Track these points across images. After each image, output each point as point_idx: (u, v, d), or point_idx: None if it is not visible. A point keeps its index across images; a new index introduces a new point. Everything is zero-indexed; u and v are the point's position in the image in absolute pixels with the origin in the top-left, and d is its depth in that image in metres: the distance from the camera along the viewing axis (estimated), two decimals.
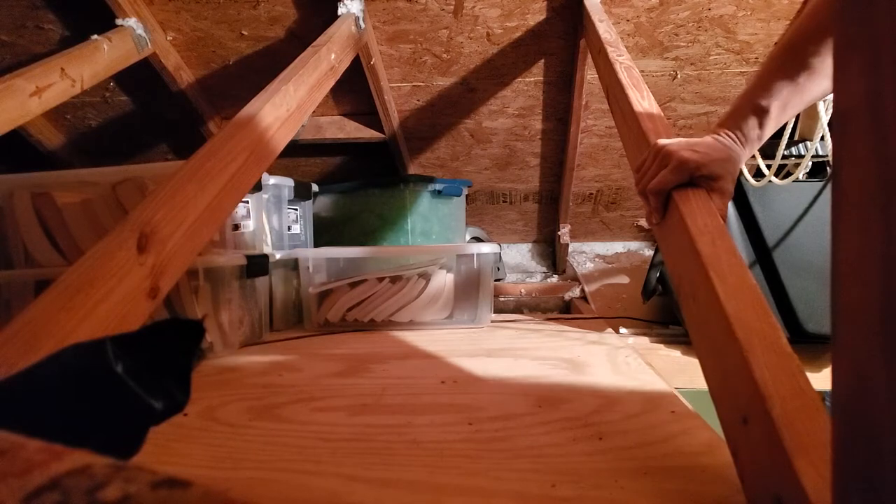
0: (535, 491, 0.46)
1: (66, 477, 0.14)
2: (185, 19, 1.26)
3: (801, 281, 1.01)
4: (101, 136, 1.62)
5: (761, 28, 1.24)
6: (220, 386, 0.79)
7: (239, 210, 1.10)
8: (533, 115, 1.50)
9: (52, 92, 1.04)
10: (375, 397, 0.71)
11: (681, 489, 0.45)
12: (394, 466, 0.51)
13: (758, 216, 1.05)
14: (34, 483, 0.14)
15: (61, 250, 1.01)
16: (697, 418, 0.60)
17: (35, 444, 0.16)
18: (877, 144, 0.20)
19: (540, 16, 1.23)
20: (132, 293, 0.52)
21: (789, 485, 0.33)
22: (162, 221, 0.57)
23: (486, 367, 0.83)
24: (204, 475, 0.51)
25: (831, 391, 0.25)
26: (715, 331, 0.47)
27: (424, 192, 1.54)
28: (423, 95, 1.45)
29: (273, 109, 0.79)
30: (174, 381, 0.30)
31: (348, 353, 0.98)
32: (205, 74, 1.41)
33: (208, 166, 0.65)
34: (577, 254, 1.91)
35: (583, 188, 1.74)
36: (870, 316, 0.21)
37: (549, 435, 0.57)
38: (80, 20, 1.24)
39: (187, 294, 0.94)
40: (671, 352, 1.04)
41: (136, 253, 0.53)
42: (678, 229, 0.59)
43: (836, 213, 0.23)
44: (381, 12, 1.22)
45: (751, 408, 0.39)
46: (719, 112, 1.47)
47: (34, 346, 0.42)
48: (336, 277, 1.21)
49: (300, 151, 1.65)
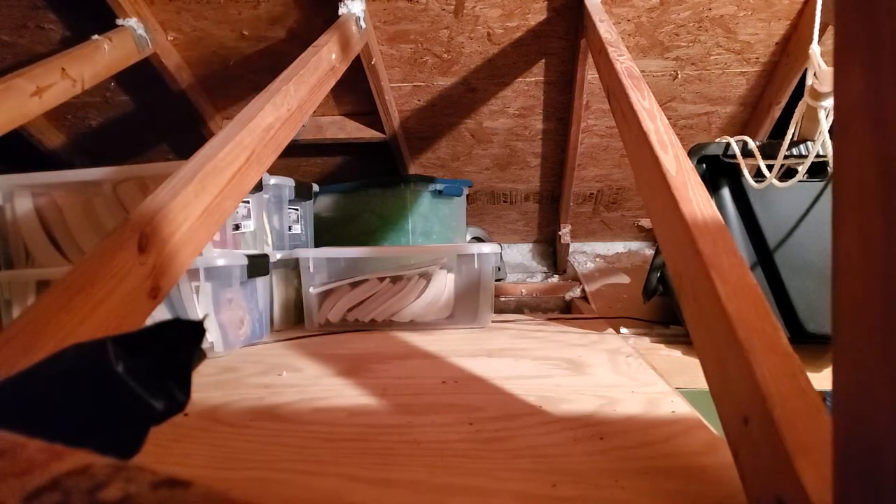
0: (535, 491, 0.46)
1: (67, 477, 0.14)
2: (186, 19, 1.26)
3: (801, 281, 1.01)
4: (102, 136, 1.62)
5: (762, 28, 1.24)
6: (221, 386, 0.79)
7: (240, 210, 1.10)
8: (534, 115, 1.50)
9: (53, 92, 1.04)
10: (376, 397, 0.71)
11: (681, 489, 0.45)
12: (394, 466, 0.51)
13: (758, 216, 1.05)
14: (35, 483, 0.14)
15: (62, 250, 1.01)
16: (698, 418, 0.60)
17: (36, 444, 0.16)
18: (877, 144, 0.20)
19: (541, 16, 1.23)
20: (133, 293, 0.52)
21: (790, 485, 0.33)
22: (163, 221, 0.57)
23: (486, 368, 0.83)
24: (204, 475, 0.51)
25: (831, 391, 0.25)
26: (716, 331, 0.47)
27: (425, 192, 1.54)
28: (423, 95, 1.45)
29: (274, 109, 0.79)
30: (175, 381, 0.30)
31: (349, 353, 0.98)
32: (205, 74, 1.41)
33: (209, 166, 0.65)
34: (577, 254, 1.91)
35: (583, 188, 1.74)
36: (870, 316, 0.21)
37: (550, 435, 0.57)
38: (81, 20, 1.24)
39: (188, 294, 0.94)
40: (672, 352, 1.04)
41: (137, 253, 0.53)
42: (679, 229, 0.59)
43: (836, 213, 0.23)
44: (381, 12, 1.22)
45: (752, 408, 0.39)
46: (720, 112, 1.47)
47: (34, 346, 0.42)
48: (337, 277, 1.21)
49: (301, 151, 1.65)
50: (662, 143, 0.71)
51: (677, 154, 0.68)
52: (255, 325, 1.11)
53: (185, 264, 0.61)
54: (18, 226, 1.01)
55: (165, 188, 0.60)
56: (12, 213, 1.01)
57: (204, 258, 0.94)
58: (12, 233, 1.01)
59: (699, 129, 1.52)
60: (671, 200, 0.62)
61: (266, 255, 1.12)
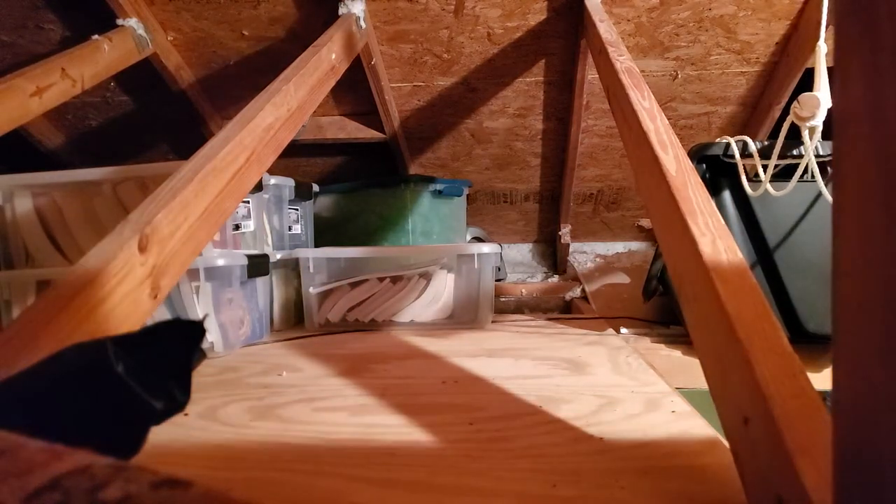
0: (535, 491, 0.46)
1: (67, 477, 0.14)
2: (186, 19, 1.26)
3: (801, 281, 1.01)
4: (102, 136, 1.62)
5: (762, 28, 1.24)
6: (221, 386, 0.79)
7: (240, 210, 1.10)
8: (533, 115, 1.50)
9: (53, 92, 1.04)
10: (376, 397, 0.71)
11: (682, 489, 0.45)
12: (395, 466, 0.51)
13: (758, 216, 1.05)
14: (35, 483, 0.14)
15: (62, 250, 1.01)
16: (698, 418, 0.60)
17: (36, 444, 0.16)
18: (877, 145, 0.20)
19: (541, 16, 1.23)
20: (133, 293, 0.52)
21: (790, 485, 0.33)
22: (163, 221, 0.57)
23: (486, 368, 0.83)
24: (204, 475, 0.51)
25: (831, 391, 0.25)
26: (716, 331, 0.47)
27: (425, 192, 1.54)
28: (423, 95, 1.45)
29: (274, 109, 0.79)
30: (175, 381, 0.30)
31: (349, 353, 0.98)
32: (205, 74, 1.41)
33: (209, 166, 0.65)
34: (577, 254, 1.91)
35: (583, 188, 1.74)
36: (870, 315, 0.21)
37: (550, 435, 0.57)
38: (81, 20, 1.24)
39: (188, 294, 0.94)
40: (672, 352, 1.04)
41: (137, 253, 0.53)
42: (679, 229, 0.59)
43: (836, 213, 0.23)
44: (381, 12, 1.22)
45: (752, 408, 0.39)
46: (720, 112, 1.47)
47: (34, 346, 0.42)
48: (337, 278, 1.21)
49: (301, 151, 1.65)
50: (662, 143, 0.71)
51: (677, 154, 0.68)
52: (255, 325, 1.11)
53: (186, 264, 0.61)
54: (18, 226, 1.01)
55: (165, 188, 0.60)
56: (12, 213, 1.01)
57: (204, 258, 0.94)
58: (12, 233, 1.01)
59: (699, 129, 1.52)
60: (671, 200, 0.62)
61: (266, 255, 1.12)
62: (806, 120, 0.89)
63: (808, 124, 0.89)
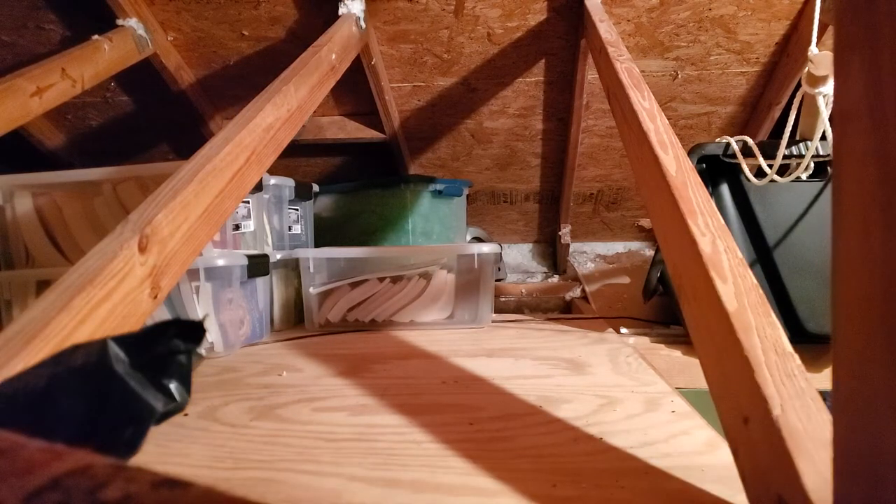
0: (536, 491, 0.46)
1: (67, 477, 0.14)
2: (186, 19, 1.26)
3: (801, 281, 1.01)
4: (102, 136, 1.62)
5: (762, 28, 1.24)
6: (221, 386, 0.79)
7: (240, 210, 1.10)
8: (534, 115, 1.50)
9: (53, 92, 1.04)
10: (376, 397, 0.71)
11: (682, 489, 0.45)
12: (395, 466, 0.51)
13: (758, 216, 1.05)
14: (35, 483, 0.14)
15: (62, 250, 1.01)
16: (698, 418, 0.60)
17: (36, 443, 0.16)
18: (877, 144, 0.20)
19: (541, 16, 1.23)
20: (133, 293, 0.52)
21: (791, 485, 0.33)
22: (163, 221, 0.57)
23: (486, 368, 0.83)
24: (204, 475, 0.51)
25: (831, 391, 0.25)
26: (716, 331, 0.47)
27: (425, 193, 1.54)
28: (423, 95, 1.45)
29: (274, 109, 0.79)
30: (175, 381, 0.31)
31: (349, 353, 0.98)
32: (206, 74, 1.41)
33: (209, 166, 0.65)
34: (577, 254, 1.91)
35: (584, 188, 1.74)
36: (870, 316, 0.21)
37: (550, 435, 0.57)
38: (81, 20, 1.24)
39: (188, 294, 0.94)
40: (672, 352, 1.04)
41: (138, 253, 0.53)
42: (679, 229, 0.59)
43: (836, 213, 0.23)
44: (381, 12, 1.22)
45: (752, 408, 0.39)
46: (720, 112, 1.47)
47: (34, 346, 0.42)
48: (337, 278, 1.21)
49: (301, 151, 1.65)
50: (662, 143, 0.71)
51: (677, 154, 0.68)
52: (256, 326, 1.11)
53: (186, 264, 0.61)
54: (18, 226, 1.01)
55: (165, 188, 0.60)
56: (12, 213, 1.01)
57: (204, 258, 0.94)
58: (12, 233, 1.02)
59: (699, 129, 1.52)
60: (671, 200, 0.62)
61: (266, 256, 1.12)
62: (819, 83, 0.74)
63: (822, 89, 0.74)
